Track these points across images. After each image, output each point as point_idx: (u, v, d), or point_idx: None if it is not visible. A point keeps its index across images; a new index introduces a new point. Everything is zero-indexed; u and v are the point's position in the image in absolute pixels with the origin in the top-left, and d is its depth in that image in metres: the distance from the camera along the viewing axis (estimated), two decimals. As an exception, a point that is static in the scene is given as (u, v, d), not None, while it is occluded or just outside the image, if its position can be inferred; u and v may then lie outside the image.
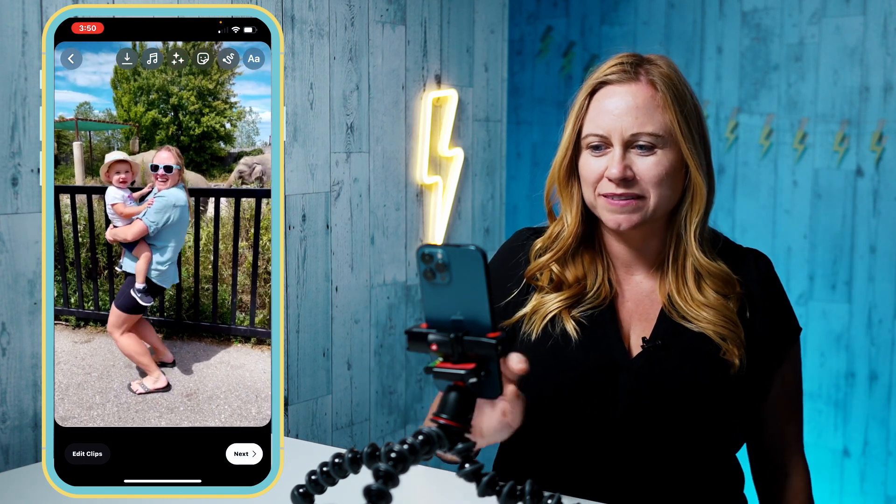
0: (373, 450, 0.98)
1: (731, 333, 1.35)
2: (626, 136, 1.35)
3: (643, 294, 1.42)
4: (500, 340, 0.92)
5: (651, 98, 1.36)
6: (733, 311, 1.37)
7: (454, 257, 0.91)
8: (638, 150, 1.35)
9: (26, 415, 1.60)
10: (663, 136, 1.35)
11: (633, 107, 1.35)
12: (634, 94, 1.37)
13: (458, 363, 0.93)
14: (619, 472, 1.34)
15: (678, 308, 1.38)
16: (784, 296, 1.46)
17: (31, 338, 1.60)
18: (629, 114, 1.35)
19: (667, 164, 1.35)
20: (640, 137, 1.34)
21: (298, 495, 1.05)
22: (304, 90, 2.12)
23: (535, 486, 0.94)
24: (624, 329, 1.40)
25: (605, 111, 1.37)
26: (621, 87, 1.38)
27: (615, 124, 1.35)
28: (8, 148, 1.55)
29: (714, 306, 1.36)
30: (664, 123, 1.35)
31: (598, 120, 1.37)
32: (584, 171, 1.39)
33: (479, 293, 0.91)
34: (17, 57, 1.56)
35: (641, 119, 1.35)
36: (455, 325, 0.93)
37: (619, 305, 1.42)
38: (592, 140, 1.37)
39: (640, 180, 1.34)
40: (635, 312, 1.41)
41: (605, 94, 1.39)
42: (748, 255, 1.44)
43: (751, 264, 1.43)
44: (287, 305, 2.10)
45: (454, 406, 0.93)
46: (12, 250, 1.57)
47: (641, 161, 1.35)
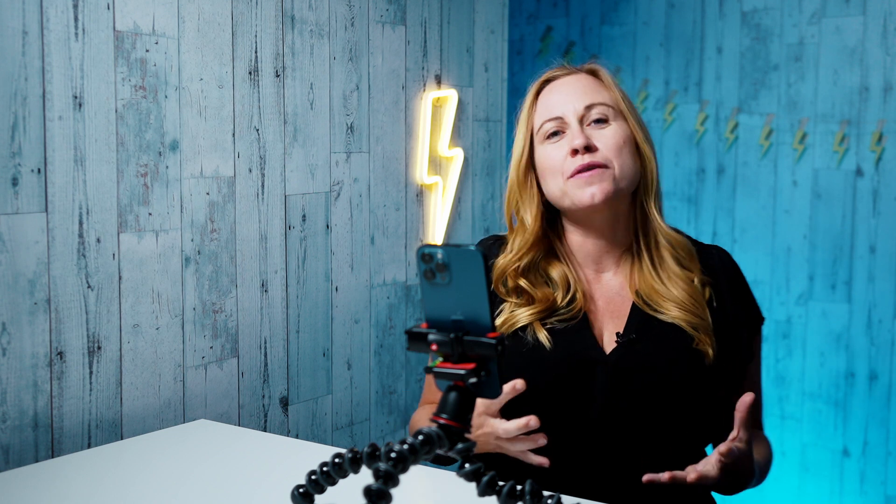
0: (373, 450, 0.98)
1: (701, 322, 1.37)
2: (580, 111, 1.41)
3: (613, 292, 1.44)
4: (500, 340, 0.92)
5: (594, 81, 1.46)
6: (702, 296, 1.39)
7: (454, 257, 0.91)
8: (593, 124, 1.41)
9: (26, 415, 1.60)
10: (613, 107, 1.42)
11: (580, 88, 1.44)
12: (579, 80, 1.46)
13: (458, 363, 0.93)
14: (600, 469, 1.34)
15: (648, 299, 1.39)
16: (747, 286, 1.49)
17: (31, 338, 1.60)
18: (578, 92, 1.43)
19: (622, 134, 1.41)
20: (593, 109, 1.41)
21: (298, 495, 1.05)
22: (304, 90, 2.12)
23: (535, 486, 0.94)
24: (597, 328, 1.41)
25: (554, 98, 1.44)
26: (566, 77, 1.47)
27: (567, 104, 1.42)
28: (8, 148, 1.56)
29: (684, 289, 1.39)
30: (612, 98, 1.43)
31: (549, 107, 1.44)
32: (545, 162, 1.42)
33: (479, 293, 0.91)
34: (17, 57, 1.56)
35: (590, 94, 1.43)
36: (455, 325, 0.93)
37: (591, 308, 1.43)
38: (549, 126, 1.43)
39: (602, 150, 1.39)
40: (607, 311, 1.42)
41: (552, 87, 1.47)
42: (710, 250, 1.49)
43: (714, 255, 1.47)
44: (287, 305, 2.10)
45: (454, 406, 0.93)
46: (12, 250, 1.57)
47: (599, 133, 1.41)
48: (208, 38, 1.89)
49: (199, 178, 1.89)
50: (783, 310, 2.52)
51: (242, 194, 1.98)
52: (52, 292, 1.63)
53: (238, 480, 1.38)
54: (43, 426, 1.63)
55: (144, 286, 1.79)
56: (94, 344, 1.70)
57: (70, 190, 1.65)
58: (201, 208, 1.89)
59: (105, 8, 1.69)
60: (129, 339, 1.76)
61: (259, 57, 2.01)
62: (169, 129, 1.82)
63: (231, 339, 1.97)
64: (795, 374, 2.50)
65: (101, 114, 1.70)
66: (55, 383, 1.64)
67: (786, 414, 2.52)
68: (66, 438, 1.66)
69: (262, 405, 2.06)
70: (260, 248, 2.03)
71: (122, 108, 1.73)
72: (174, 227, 1.84)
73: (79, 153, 1.66)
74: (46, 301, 1.62)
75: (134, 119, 1.76)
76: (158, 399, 1.82)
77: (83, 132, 1.67)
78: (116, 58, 1.72)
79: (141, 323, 1.78)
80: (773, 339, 2.54)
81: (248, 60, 1.98)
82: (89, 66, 1.67)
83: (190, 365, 1.89)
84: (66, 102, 1.64)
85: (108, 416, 1.73)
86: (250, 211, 2.00)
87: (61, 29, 1.63)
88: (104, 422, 1.72)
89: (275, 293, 2.07)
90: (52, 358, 1.63)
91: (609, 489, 1.33)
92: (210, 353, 1.93)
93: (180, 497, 1.31)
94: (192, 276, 1.88)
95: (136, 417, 1.78)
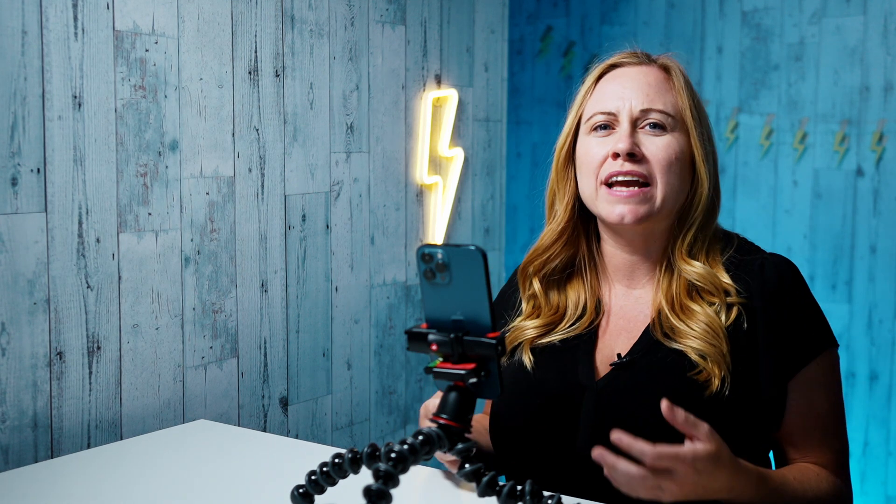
0: (373, 450, 0.98)
1: (713, 350, 1.20)
2: (636, 113, 1.26)
3: (637, 311, 1.31)
4: (500, 340, 0.92)
5: (664, 80, 1.30)
6: (721, 324, 1.22)
7: (454, 257, 0.91)
8: (648, 129, 1.27)
9: (26, 415, 1.60)
10: (674, 116, 1.27)
11: (644, 84, 1.28)
12: (646, 74, 1.30)
13: (458, 363, 0.93)
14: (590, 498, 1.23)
15: (665, 322, 1.24)
16: (802, 306, 1.26)
17: (30, 338, 1.60)
18: (640, 90, 1.28)
19: (677, 148, 1.26)
20: (651, 115, 1.26)
21: (298, 495, 1.05)
22: (304, 90, 2.12)
23: (535, 487, 0.94)
24: (607, 349, 1.29)
25: (613, 89, 1.29)
26: (633, 68, 1.32)
27: (624, 100, 1.27)
28: (8, 148, 1.55)
29: (704, 317, 1.22)
30: (676, 105, 1.28)
31: (605, 99, 1.29)
32: (584, 156, 1.29)
33: (479, 293, 0.91)
34: (17, 57, 1.56)
35: (653, 96, 1.27)
36: (455, 325, 0.93)
37: (604, 329, 1.31)
38: (598, 119, 1.28)
39: (648, 161, 1.24)
40: (624, 329, 1.30)
41: (615, 74, 1.32)
42: (756, 261, 1.29)
43: (756, 271, 1.27)
44: (287, 305, 2.10)
45: (454, 406, 0.93)
46: (12, 250, 1.57)
47: (650, 141, 1.26)
48: (208, 38, 1.89)
49: (198, 178, 1.89)
50: (783, 310, 2.52)
51: (242, 194, 1.98)
52: (52, 292, 1.63)
53: (238, 480, 1.38)
54: (42, 426, 1.62)
55: (144, 286, 1.78)
56: (94, 344, 1.70)
57: (69, 190, 1.65)
58: (201, 208, 1.89)
59: (104, 7, 1.69)
60: (129, 340, 1.76)
61: (259, 57, 2.00)
62: (169, 129, 1.82)
63: (231, 340, 1.97)
64: (796, 374, 2.50)
65: (100, 114, 1.69)
66: (55, 383, 1.64)
67: (786, 414, 2.52)
68: (66, 439, 1.66)
69: (262, 405, 2.06)
70: (260, 248, 2.03)
71: (122, 107, 1.73)
72: (174, 226, 1.84)
73: (78, 153, 1.66)
74: (46, 301, 1.62)
75: (133, 119, 1.75)
76: (158, 399, 1.82)
77: (83, 132, 1.67)
78: (116, 57, 1.72)
79: (140, 323, 1.78)
80: (773, 339, 2.53)
81: (248, 60, 1.98)
82: (89, 66, 1.67)
83: (189, 365, 1.88)
84: (66, 102, 1.64)
85: (108, 416, 1.73)
86: (250, 211, 2.00)
87: (61, 29, 1.62)
88: (104, 422, 1.72)
89: (275, 293, 2.07)
90: (51, 358, 1.63)
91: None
92: (210, 353, 1.93)
93: (180, 497, 1.30)
94: (191, 276, 1.88)
95: (135, 418, 1.78)
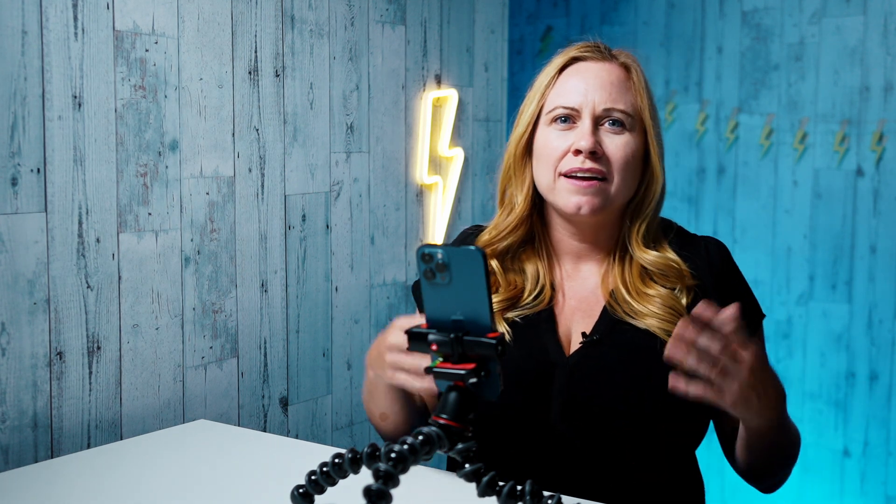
0: (373, 450, 0.98)
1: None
2: (598, 111, 1.30)
3: (588, 291, 1.36)
4: (500, 340, 0.92)
5: (626, 79, 1.34)
6: (682, 305, 1.29)
7: (454, 257, 0.91)
8: (608, 126, 1.31)
9: (26, 415, 1.60)
10: (633, 116, 1.32)
11: (607, 82, 1.32)
12: (609, 72, 1.33)
13: (458, 363, 0.93)
14: (563, 472, 1.27)
15: (623, 304, 1.30)
16: (741, 282, 1.37)
17: (30, 338, 1.60)
18: (604, 88, 1.31)
19: (634, 147, 1.31)
20: (613, 113, 1.31)
21: (298, 495, 1.05)
22: (304, 90, 2.12)
23: (535, 487, 0.94)
24: (564, 327, 1.33)
25: (577, 84, 1.32)
26: (595, 63, 1.35)
27: (588, 97, 1.31)
28: (8, 148, 1.55)
29: (661, 299, 1.29)
30: (635, 105, 1.32)
31: (567, 93, 1.33)
32: (543, 148, 1.33)
33: (479, 293, 0.91)
34: (17, 57, 1.56)
35: (615, 95, 1.31)
36: (455, 325, 0.93)
37: (560, 307, 1.35)
38: (560, 112, 1.32)
39: (608, 158, 1.29)
40: (578, 310, 1.35)
41: (578, 69, 1.35)
42: (699, 244, 1.37)
43: (702, 253, 1.35)
44: (287, 305, 2.10)
45: (454, 406, 0.93)
46: (12, 250, 1.57)
47: (610, 139, 1.30)
48: (208, 38, 1.89)
49: (198, 178, 1.89)
50: (783, 310, 2.52)
51: (242, 194, 1.98)
52: (52, 292, 1.63)
53: (238, 480, 1.38)
54: (42, 426, 1.62)
55: (144, 286, 1.78)
56: (94, 344, 1.70)
57: (69, 190, 1.65)
58: (201, 208, 1.89)
59: (104, 8, 1.69)
60: (129, 340, 1.76)
61: (259, 57, 2.00)
62: (169, 129, 1.82)
63: (231, 340, 1.97)
64: (796, 374, 2.50)
65: (100, 114, 1.69)
66: (55, 383, 1.64)
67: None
68: (66, 439, 1.66)
69: (262, 405, 2.06)
70: (260, 248, 2.03)
71: (122, 107, 1.73)
72: (174, 226, 1.84)
73: (78, 153, 1.66)
74: (46, 301, 1.62)
75: (133, 119, 1.75)
76: (158, 399, 1.82)
77: (83, 132, 1.67)
78: (116, 57, 1.72)
79: (140, 323, 1.78)
80: (773, 339, 2.53)
81: (248, 60, 1.98)
82: (89, 66, 1.67)
83: (189, 365, 1.88)
84: (66, 102, 1.64)
85: (108, 416, 1.73)
86: (250, 211, 2.00)
87: (61, 29, 1.62)
88: (104, 422, 1.72)
89: (275, 293, 2.07)
90: (51, 358, 1.63)
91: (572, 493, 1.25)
92: (210, 353, 1.92)
93: (180, 497, 1.30)
94: (191, 276, 1.88)
95: (135, 417, 1.78)
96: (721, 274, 1.34)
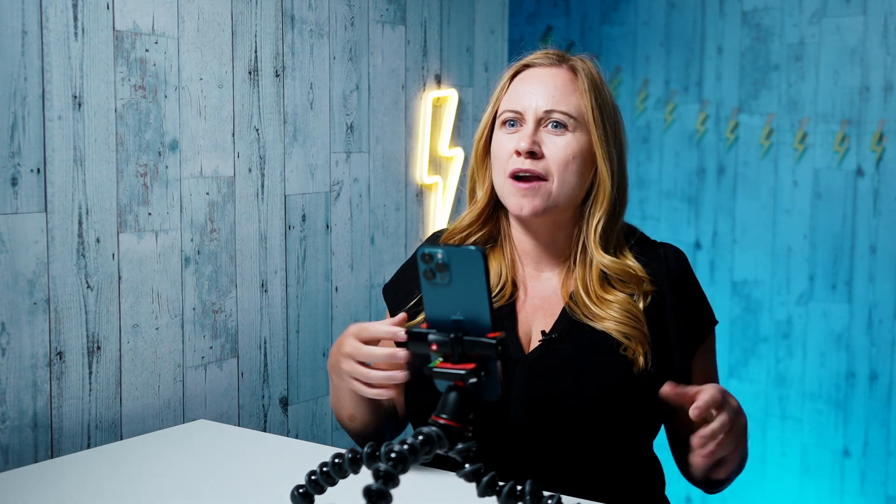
0: (373, 450, 0.98)
1: (635, 332, 1.32)
2: (540, 113, 1.37)
3: (549, 291, 1.41)
4: (500, 341, 0.92)
5: (570, 81, 1.40)
6: (640, 309, 1.35)
7: (454, 257, 0.91)
8: (550, 128, 1.37)
9: (26, 415, 1.60)
10: (576, 118, 1.37)
11: (550, 86, 1.39)
12: (554, 76, 1.40)
13: (458, 363, 0.93)
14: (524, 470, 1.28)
15: (581, 306, 1.35)
16: (697, 289, 1.43)
17: (30, 338, 1.60)
18: (547, 91, 1.38)
19: (576, 147, 1.36)
20: (553, 115, 1.37)
21: (298, 495, 1.05)
22: (303, 90, 2.12)
23: (535, 487, 0.94)
24: (524, 327, 1.39)
25: (524, 89, 1.40)
26: (543, 69, 1.42)
27: (530, 101, 1.38)
28: (8, 148, 1.55)
29: (620, 304, 1.34)
30: (578, 106, 1.38)
31: (515, 97, 1.40)
32: (496, 149, 1.40)
33: (479, 293, 0.91)
34: (17, 57, 1.56)
35: (557, 98, 1.38)
36: (455, 325, 0.93)
37: (521, 304, 1.41)
38: (508, 116, 1.40)
39: (546, 159, 1.35)
40: (539, 309, 1.40)
41: (527, 75, 1.43)
42: (658, 250, 1.43)
43: (661, 260, 1.41)
44: (287, 305, 2.10)
45: (454, 406, 0.93)
46: (12, 250, 1.57)
47: (551, 140, 1.37)
48: (208, 38, 1.89)
49: (198, 178, 1.89)
50: (783, 310, 2.52)
51: (242, 194, 1.98)
52: (52, 292, 1.63)
53: (238, 480, 1.38)
54: (42, 426, 1.62)
55: (144, 286, 1.78)
56: (94, 344, 1.70)
57: (69, 190, 1.65)
58: (201, 208, 1.89)
59: (104, 7, 1.69)
60: (129, 340, 1.76)
61: (259, 57, 2.00)
62: (168, 129, 1.82)
63: (231, 339, 1.97)
64: (796, 374, 2.50)
65: (100, 114, 1.69)
66: (55, 383, 1.64)
67: (786, 414, 2.52)
68: (66, 439, 1.66)
69: (262, 405, 2.06)
70: (260, 248, 2.03)
71: (122, 107, 1.73)
72: (174, 227, 1.84)
73: (78, 153, 1.66)
74: (46, 301, 1.62)
75: (133, 119, 1.75)
76: (158, 399, 1.82)
77: (83, 132, 1.67)
78: (116, 57, 1.72)
79: (140, 323, 1.78)
80: (773, 339, 2.53)
81: (248, 60, 1.98)
82: (89, 66, 1.67)
83: (189, 365, 1.88)
84: (66, 102, 1.64)
85: (108, 416, 1.73)
86: (250, 211, 2.00)
87: (61, 28, 1.62)
88: (104, 422, 1.72)
89: (275, 293, 2.07)
90: (51, 358, 1.63)
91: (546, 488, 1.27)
92: (210, 353, 1.93)
93: (180, 497, 1.30)
94: (191, 276, 1.88)
95: (135, 417, 1.78)
96: (677, 280, 1.40)
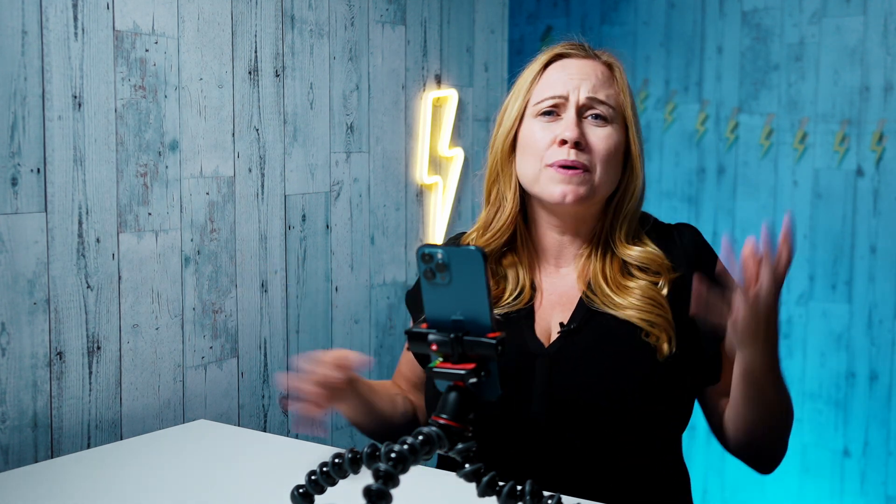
0: (373, 450, 0.98)
1: (659, 318, 1.28)
2: (583, 100, 1.34)
3: (568, 286, 1.37)
4: (500, 341, 0.92)
5: (609, 76, 1.38)
6: (662, 295, 1.31)
7: (454, 257, 0.91)
8: (592, 119, 1.34)
9: (26, 415, 1.60)
10: (616, 110, 1.35)
11: (591, 75, 1.36)
12: (594, 67, 1.38)
13: (458, 363, 0.93)
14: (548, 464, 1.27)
15: (600, 296, 1.32)
16: (716, 258, 1.37)
17: (30, 338, 1.60)
18: (588, 80, 1.35)
19: (616, 140, 1.34)
20: (596, 105, 1.34)
21: (298, 495, 1.05)
22: (303, 90, 2.12)
23: (535, 487, 0.94)
24: (542, 323, 1.35)
25: (563, 76, 1.36)
26: (580, 60, 1.39)
27: (573, 86, 1.34)
28: (8, 148, 1.55)
29: (641, 290, 1.30)
30: (618, 100, 1.36)
31: (553, 84, 1.36)
32: (528, 138, 1.36)
33: (479, 293, 0.91)
34: (17, 57, 1.56)
35: (598, 88, 1.35)
36: (455, 325, 0.93)
37: (539, 302, 1.37)
38: (545, 104, 1.35)
39: (591, 150, 1.32)
40: (557, 304, 1.36)
41: (563, 64, 1.39)
42: (674, 232, 1.39)
43: (676, 241, 1.37)
44: (287, 305, 2.10)
45: (454, 406, 0.93)
46: (12, 250, 1.57)
47: (593, 132, 1.33)
48: (208, 38, 1.89)
49: (198, 178, 1.89)
50: (783, 310, 2.52)
51: (242, 194, 1.98)
52: (52, 292, 1.63)
53: (238, 480, 1.38)
54: (42, 426, 1.62)
55: (144, 286, 1.78)
56: (94, 344, 1.70)
57: (69, 190, 1.65)
58: (201, 208, 1.89)
59: (104, 8, 1.69)
60: (129, 339, 1.76)
61: (259, 57, 2.00)
62: (168, 129, 1.82)
63: (231, 339, 1.97)
64: (796, 374, 2.50)
65: (100, 113, 1.69)
66: (55, 383, 1.64)
67: (786, 414, 2.52)
68: (66, 438, 1.66)
69: (262, 405, 2.06)
70: (260, 248, 2.03)
71: (122, 107, 1.73)
72: (174, 226, 1.84)
73: (78, 153, 1.66)
74: (46, 301, 1.62)
75: (133, 119, 1.75)
76: (158, 399, 1.82)
77: (83, 132, 1.67)
78: (116, 57, 1.72)
79: (140, 323, 1.78)
80: (773, 339, 2.53)
81: (248, 60, 1.98)
82: (89, 66, 1.67)
83: (189, 365, 1.88)
84: (66, 102, 1.64)
85: (108, 416, 1.73)
86: (250, 211, 2.00)
87: (61, 29, 1.62)
88: (104, 422, 1.72)
89: (275, 293, 2.07)
90: (51, 358, 1.63)
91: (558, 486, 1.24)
92: (210, 353, 1.93)
93: (180, 497, 1.30)
94: (191, 276, 1.88)
95: (135, 417, 1.78)
96: (696, 256, 1.36)
